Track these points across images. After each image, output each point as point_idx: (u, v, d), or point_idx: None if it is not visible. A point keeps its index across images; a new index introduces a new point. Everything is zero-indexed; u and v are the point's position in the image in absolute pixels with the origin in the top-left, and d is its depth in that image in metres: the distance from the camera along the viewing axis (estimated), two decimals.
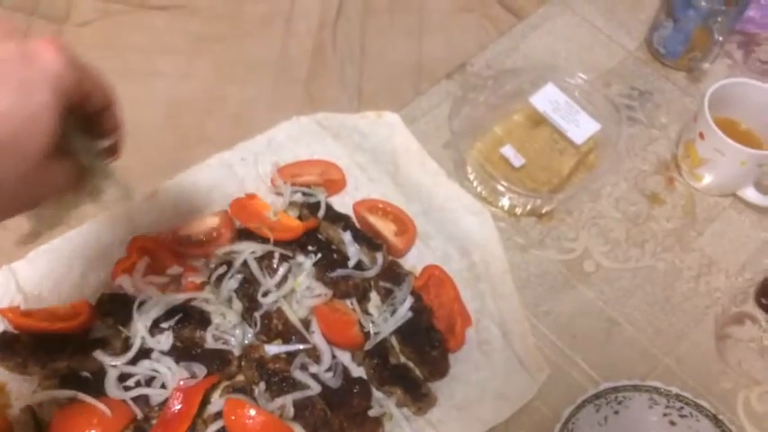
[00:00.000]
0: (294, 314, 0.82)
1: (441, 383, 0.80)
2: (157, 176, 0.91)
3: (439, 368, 0.80)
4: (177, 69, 1.50)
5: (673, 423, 0.76)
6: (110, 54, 1.51)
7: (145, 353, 0.78)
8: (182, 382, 0.76)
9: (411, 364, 0.81)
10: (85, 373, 0.77)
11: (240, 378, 0.79)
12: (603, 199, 0.96)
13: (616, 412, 0.76)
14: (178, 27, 1.58)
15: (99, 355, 0.77)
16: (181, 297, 0.82)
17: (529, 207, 0.92)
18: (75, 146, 0.51)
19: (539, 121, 0.97)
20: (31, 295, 0.82)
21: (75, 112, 0.47)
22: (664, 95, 1.05)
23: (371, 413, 0.76)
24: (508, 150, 0.92)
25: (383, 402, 0.78)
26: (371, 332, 0.81)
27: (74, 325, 0.79)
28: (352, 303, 0.83)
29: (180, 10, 1.59)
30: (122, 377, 0.77)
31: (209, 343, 0.79)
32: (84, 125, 0.52)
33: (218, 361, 0.78)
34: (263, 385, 0.77)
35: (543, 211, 0.93)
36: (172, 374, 0.76)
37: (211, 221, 0.88)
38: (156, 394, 0.76)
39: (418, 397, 0.77)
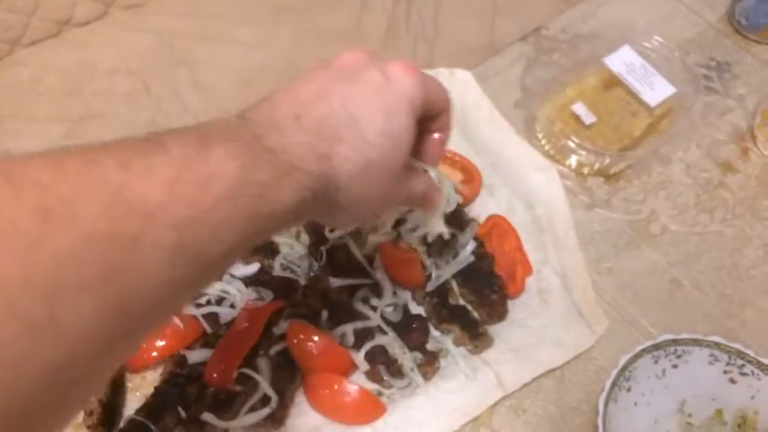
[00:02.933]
0: (358, 250, 0.84)
1: (498, 327, 0.81)
2: (251, 92, 0.95)
3: (497, 311, 0.81)
4: (254, 38, 1.56)
5: (733, 381, 0.75)
6: (191, 21, 1.58)
7: None
8: (249, 304, 0.79)
9: (470, 307, 0.82)
10: None
11: (304, 306, 0.82)
12: (674, 164, 0.95)
13: (675, 366, 0.75)
14: None
15: None
16: None
17: (597, 166, 0.92)
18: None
19: (612, 83, 0.97)
20: None
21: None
22: (742, 67, 1.03)
23: (428, 347, 0.78)
24: (579, 108, 0.92)
25: (440, 339, 0.80)
26: (433, 273, 0.82)
27: None
28: (414, 245, 0.85)
29: None
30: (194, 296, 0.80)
31: (277, 271, 0.83)
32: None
33: (284, 288, 0.82)
34: (325, 314, 0.80)
35: (611, 172, 0.93)
36: (240, 296, 0.80)
37: None
38: (224, 313, 0.79)
39: (475, 336, 0.79)
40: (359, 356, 0.77)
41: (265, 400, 0.74)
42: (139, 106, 1.43)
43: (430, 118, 0.51)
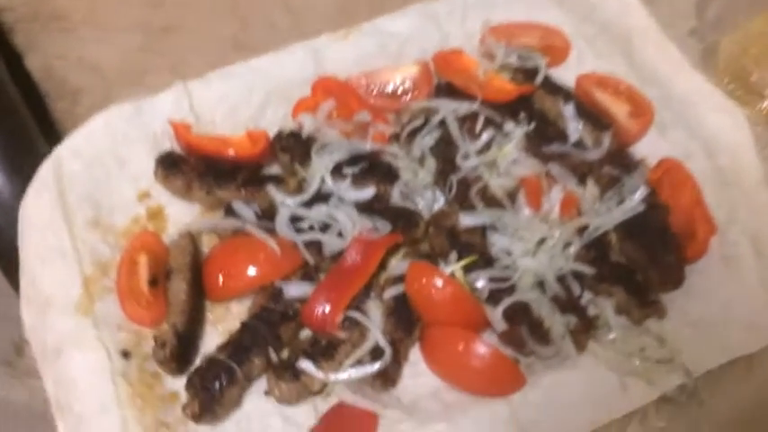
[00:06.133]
0: (498, 184, 0.68)
1: (671, 296, 0.64)
2: (345, 19, 0.80)
3: (672, 276, 0.64)
4: None
5: None
6: None
7: (322, 198, 0.67)
8: (362, 234, 0.64)
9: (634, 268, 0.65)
10: (255, 208, 0.66)
11: (427, 245, 0.67)
12: None
13: None
14: None
15: (272, 190, 0.66)
16: (367, 146, 0.70)
17: None
18: None
19: None
20: (204, 119, 0.73)
21: None
22: None
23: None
24: None
25: (598, 303, 0.63)
26: (592, 221, 0.66)
27: (249, 153, 0.69)
28: (570, 184, 0.68)
29: None
30: (294, 219, 0.66)
31: (395, 199, 0.67)
32: None
33: (403, 220, 0.66)
34: (453, 257, 0.64)
35: None
36: (352, 224, 0.64)
37: (409, 71, 0.75)
38: (331, 243, 0.64)
39: (644, 303, 0.62)
40: (495, 313, 0.61)
41: (376, 354, 0.59)
42: (223, 22, 1.28)
43: None
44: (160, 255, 0.65)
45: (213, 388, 0.57)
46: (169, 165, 0.68)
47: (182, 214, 0.69)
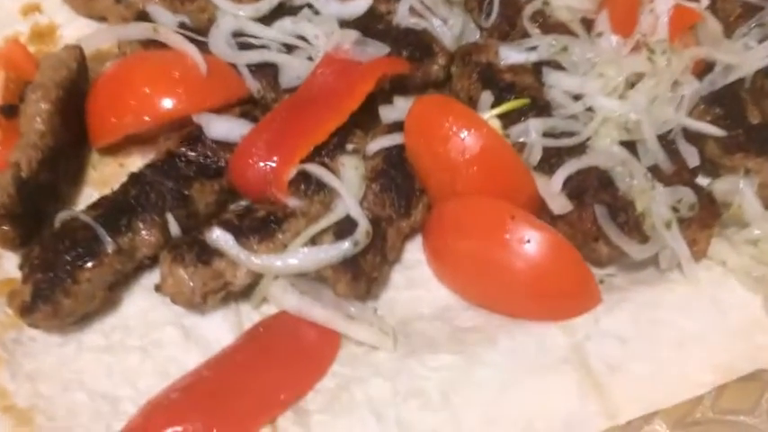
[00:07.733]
0: (565, 5, 0.43)
1: None
2: None
3: None
4: None
5: None
6: None
7: (289, 11, 0.43)
8: (341, 52, 0.40)
9: None
10: (181, 17, 0.43)
11: (449, 90, 0.43)
12: None
13: None
14: None
15: None
16: None
17: None
18: None
19: None
20: None
21: None
22: None
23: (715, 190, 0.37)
24: None
25: (730, 183, 0.37)
26: (718, 60, 0.40)
27: None
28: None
29: None
30: (241, 36, 0.42)
31: (402, 18, 0.44)
32: None
33: (411, 46, 0.42)
34: (488, 98, 0.39)
35: None
36: (325, 38, 0.40)
37: None
38: (291, 68, 0.40)
39: None
40: (552, 184, 0.37)
41: (344, 229, 0.34)
42: None
43: None
44: (27, 75, 0.42)
45: (59, 266, 0.33)
46: None
47: (82, 33, 0.46)
